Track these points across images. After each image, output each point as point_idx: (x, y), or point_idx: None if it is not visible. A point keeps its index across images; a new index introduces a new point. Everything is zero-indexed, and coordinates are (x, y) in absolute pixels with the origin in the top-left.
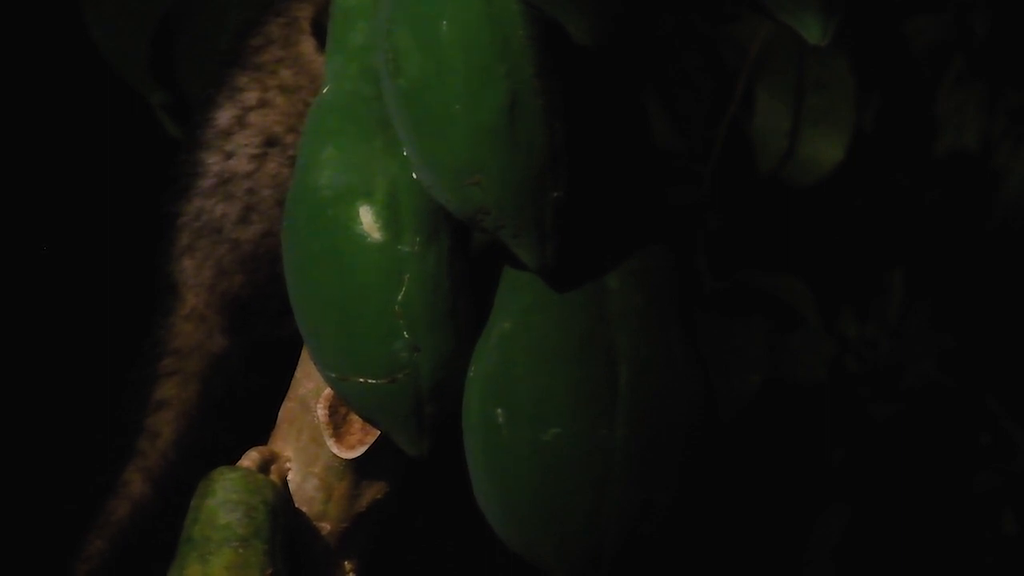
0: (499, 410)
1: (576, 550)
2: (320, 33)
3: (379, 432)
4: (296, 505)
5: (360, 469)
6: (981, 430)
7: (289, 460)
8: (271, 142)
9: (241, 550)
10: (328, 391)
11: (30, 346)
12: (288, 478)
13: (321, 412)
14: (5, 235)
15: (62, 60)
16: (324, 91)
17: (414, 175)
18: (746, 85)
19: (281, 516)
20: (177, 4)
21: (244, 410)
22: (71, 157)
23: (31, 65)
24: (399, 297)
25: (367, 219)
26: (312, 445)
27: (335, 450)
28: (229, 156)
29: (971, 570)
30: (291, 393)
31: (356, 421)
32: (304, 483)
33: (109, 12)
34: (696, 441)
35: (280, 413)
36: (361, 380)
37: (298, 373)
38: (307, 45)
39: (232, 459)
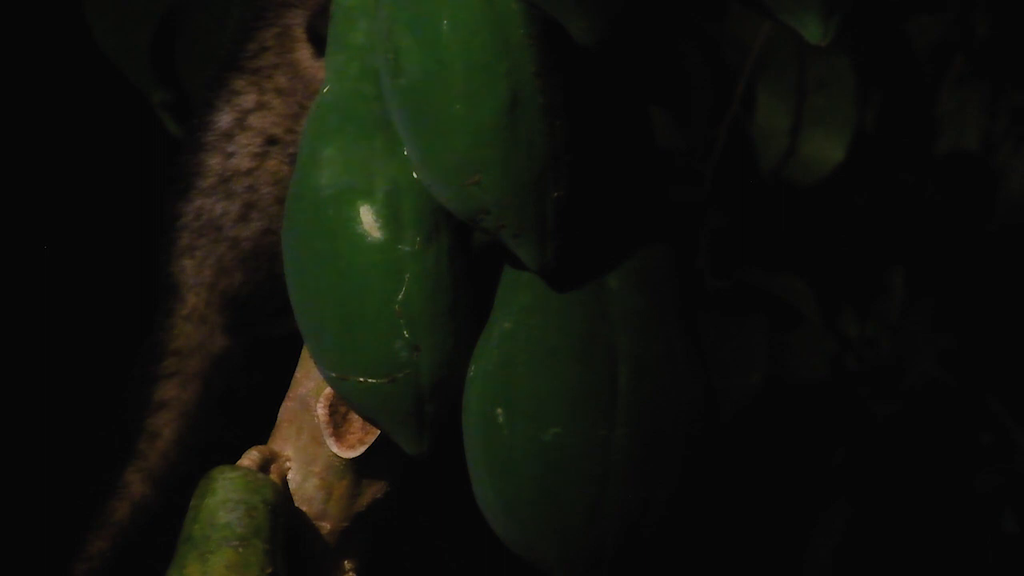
0: (499, 409)
1: (576, 549)
2: (315, 39)
3: (379, 431)
4: (296, 504)
5: (360, 468)
6: (982, 429)
7: (289, 459)
8: (271, 142)
9: (241, 549)
10: (328, 390)
11: (30, 346)
12: (288, 477)
13: (321, 411)
14: (5, 235)
15: (62, 58)
16: (324, 90)
17: (414, 174)
18: (747, 84)
19: (281, 515)
20: (179, 2)
21: (244, 409)
22: (71, 156)
23: (31, 63)
24: (399, 296)
25: (367, 218)
26: (312, 444)
27: (335, 449)
28: (230, 156)
29: (971, 570)
30: (291, 392)
31: (356, 420)
32: (304, 482)
33: (110, 10)
34: (696, 440)
35: (280, 412)
36: (361, 379)
37: (298, 372)
38: (302, 52)
39: (232, 458)
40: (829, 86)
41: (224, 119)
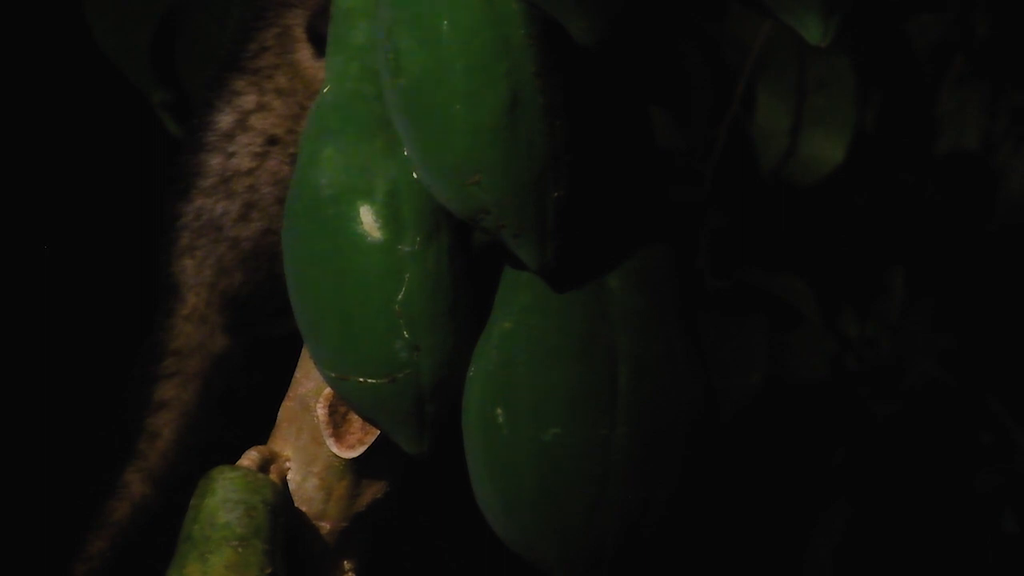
0: (499, 409)
1: (576, 549)
2: (315, 39)
3: (379, 432)
4: (296, 504)
5: (360, 469)
6: (982, 429)
7: (289, 459)
8: (272, 142)
9: (241, 549)
10: (328, 390)
11: (30, 346)
12: (288, 477)
13: (321, 411)
14: (5, 235)
15: (62, 58)
16: (325, 90)
17: (414, 175)
18: (747, 84)
19: (281, 515)
20: (179, 2)
21: (244, 409)
22: (72, 156)
23: (32, 63)
24: (399, 296)
25: (367, 218)
26: (312, 444)
27: (335, 449)
28: (230, 156)
29: (971, 569)
30: (291, 392)
31: (356, 420)
32: (304, 482)
33: (110, 10)
34: (696, 440)
35: (280, 412)
36: (361, 380)
37: (298, 373)
38: (303, 52)
39: (232, 458)
40: (829, 86)
41: (225, 119)
